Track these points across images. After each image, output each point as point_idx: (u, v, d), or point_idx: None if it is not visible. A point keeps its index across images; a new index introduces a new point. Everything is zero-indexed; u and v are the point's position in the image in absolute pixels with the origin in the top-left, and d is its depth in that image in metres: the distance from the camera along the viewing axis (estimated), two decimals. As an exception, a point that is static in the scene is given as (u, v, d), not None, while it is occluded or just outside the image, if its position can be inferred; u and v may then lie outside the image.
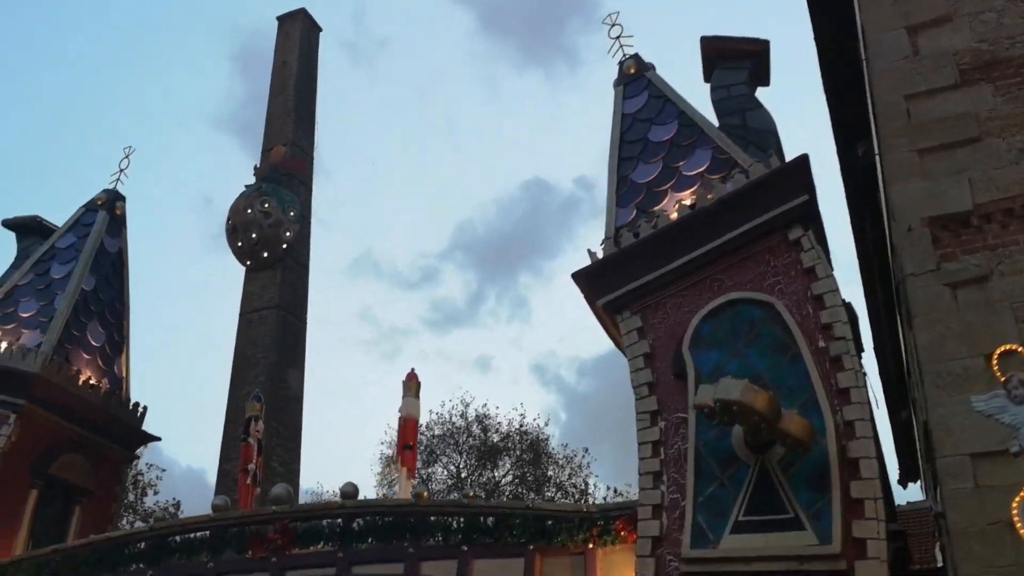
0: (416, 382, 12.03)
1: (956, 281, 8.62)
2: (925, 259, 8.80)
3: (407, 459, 11.71)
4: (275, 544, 11.02)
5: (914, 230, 8.95)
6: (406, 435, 11.90)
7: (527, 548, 10.15)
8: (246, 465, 12.53)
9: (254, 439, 12.68)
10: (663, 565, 9.23)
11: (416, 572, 10.49)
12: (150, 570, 11.47)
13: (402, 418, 11.96)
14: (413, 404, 11.93)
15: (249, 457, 12.58)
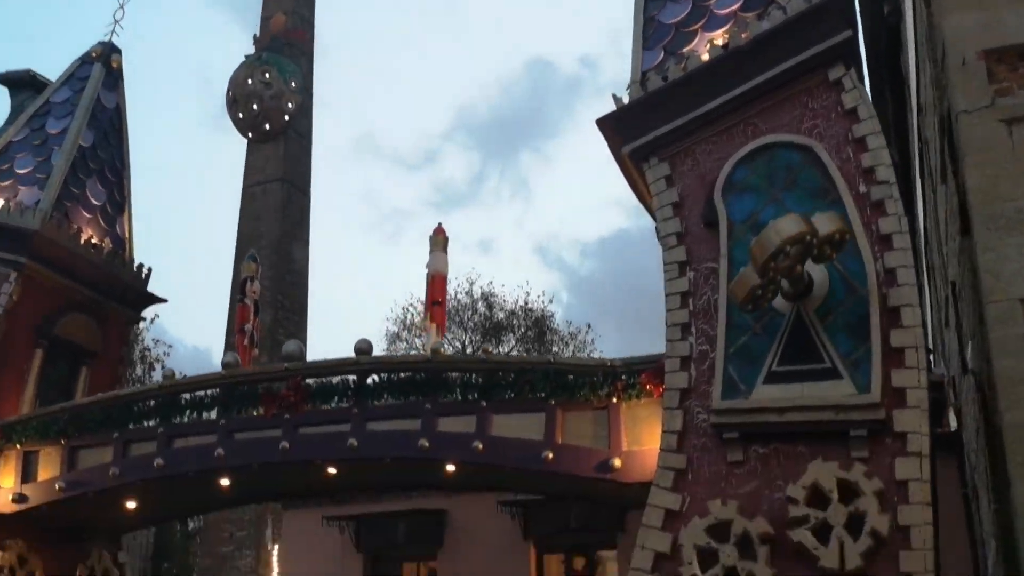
0: (443, 236, 11.48)
1: (1012, 117, 7.96)
2: (979, 94, 8.12)
3: (436, 315, 11.23)
4: (287, 401, 10.69)
5: (968, 64, 8.25)
6: (434, 291, 11.40)
7: (548, 403, 9.80)
8: (243, 326, 12.14)
9: (250, 300, 12.27)
10: (691, 418, 8.87)
11: (433, 428, 10.18)
12: (159, 428, 11.20)
13: (430, 274, 11.45)
14: (441, 259, 11.41)
15: (245, 318, 12.19)
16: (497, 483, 11.35)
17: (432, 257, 11.46)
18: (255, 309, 12.28)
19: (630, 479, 9.33)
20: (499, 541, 18.80)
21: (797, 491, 8.09)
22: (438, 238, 11.52)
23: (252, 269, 12.54)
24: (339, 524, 19.81)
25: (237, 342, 12.20)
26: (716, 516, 8.29)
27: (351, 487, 12.46)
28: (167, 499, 12.08)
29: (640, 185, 10.46)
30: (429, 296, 11.43)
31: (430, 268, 11.47)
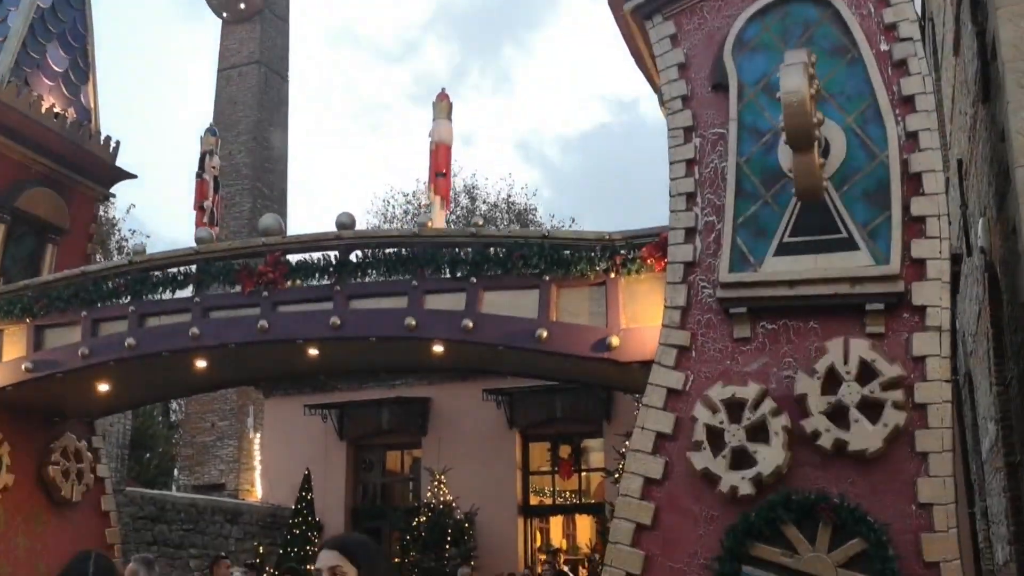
0: (447, 103, 10.65)
1: (1054, -34, 7.26)
2: (1018, -59, 7.40)
3: (441, 187, 10.49)
4: (266, 278, 10.06)
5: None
6: (438, 162, 10.64)
7: (542, 279, 9.22)
8: (201, 203, 11.41)
9: (210, 175, 11.52)
10: (695, 292, 8.32)
11: (420, 306, 9.60)
12: (130, 307, 10.56)
13: (433, 143, 10.69)
14: (445, 127, 10.62)
15: (204, 194, 11.45)
16: (488, 365, 10.86)
17: (435, 125, 10.67)
18: (215, 185, 11.54)
19: (629, 358, 8.82)
20: (484, 430, 18.53)
21: (808, 370, 7.61)
22: (442, 104, 10.70)
23: (211, 143, 11.74)
24: (322, 412, 19.47)
25: (196, 220, 11.48)
26: (721, 395, 7.82)
27: (335, 371, 11.95)
28: (141, 381, 11.54)
29: (643, 48, 9.69)
30: (433, 167, 10.66)
31: (433, 137, 10.70)
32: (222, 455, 26.00)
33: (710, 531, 7.72)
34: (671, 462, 8.00)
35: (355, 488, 19.81)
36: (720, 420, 7.77)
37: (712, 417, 7.79)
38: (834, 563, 7.23)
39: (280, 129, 27.98)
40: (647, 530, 7.90)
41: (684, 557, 7.74)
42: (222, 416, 26.23)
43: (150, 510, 16.33)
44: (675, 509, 7.88)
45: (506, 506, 18.14)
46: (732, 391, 7.81)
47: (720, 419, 7.77)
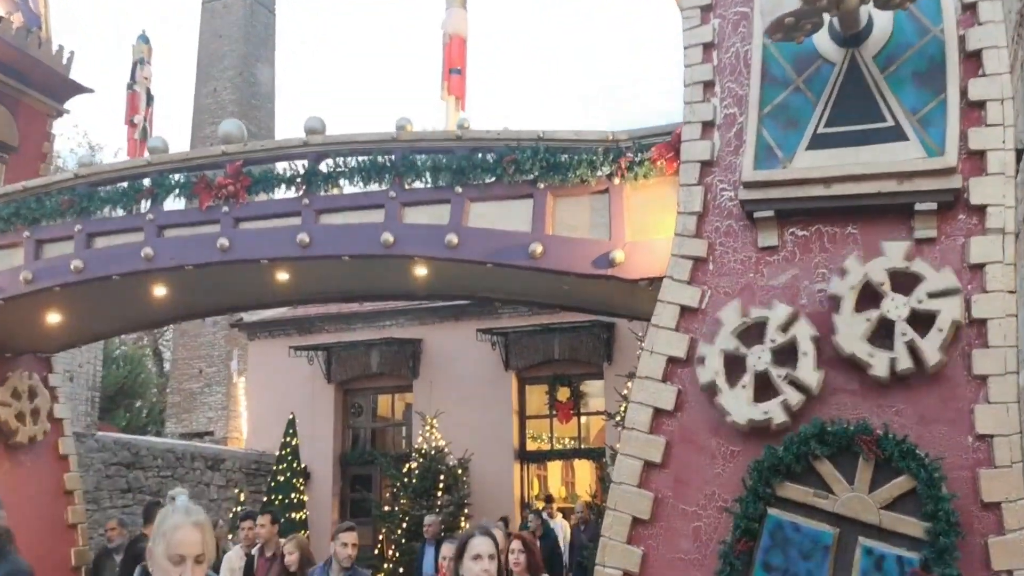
0: None
1: None
2: None
3: (454, 85, 9.13)
4: (226, 191, 8.85)
5: None
6: (452, 56, 9.30)
7: (536, 187, 8.02)
8: (132, 117, 10.16)
9: (142, 87, 10.26)
10: (713, 196, 7.12)
11: (398, 220, 8.41)
12: (77, 225, 9.37)
13: (446, 35, 9.36)
14: (459, 17, 9.28)
15: (136, 107, 10.19)
16: (477, 292, 9.68)
17: (448, 15, 9.33)
18: (148, 98, 10.28)
19: (635, 275, 7.65)
20: (479, 372, 17.43)
21: (845, 282, 6.44)
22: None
23: (144, 51, 10.46)
24: (308, 354, 18.34)
25: (127, 135, 10.23)
26: (744, 313, 6.65)
27: (309, 299, 10.78)
28: (94, 311, 10.37)
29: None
30: (446, 62, 9.33)
31: (446, 28, 9.36)
32: (210, 402, 24.95)
33: (730, 469, 6.59)
34: (684, 390, 6.85)
35: (344, 434, 18.76)
36: (742, 341, 6.61)
37: (732, 338, 6.62)
38: (877, 504, 6.10)
39: (267, 64, 26.55)
40: (656, 468, 6.77)
41: (699, 498, 6.63)
42: (210, 362, 25.14)
43: (124, 456, 15.27)
44: (689, 444, 6.75)
45: (502, 452, 17.08)
46: (755, 307, 6.64)
47: (741, 340, 6.61)
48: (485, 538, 3.95)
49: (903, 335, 6.13)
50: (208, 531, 3.00)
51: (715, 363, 6.57)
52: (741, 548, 6.29)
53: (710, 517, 6.56)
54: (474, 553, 3.92)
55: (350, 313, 18.69)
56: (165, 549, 2.88)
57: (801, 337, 6.42)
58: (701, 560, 6.52)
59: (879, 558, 6.03)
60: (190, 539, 2.89)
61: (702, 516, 6.60)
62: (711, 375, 6.58)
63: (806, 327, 6.45)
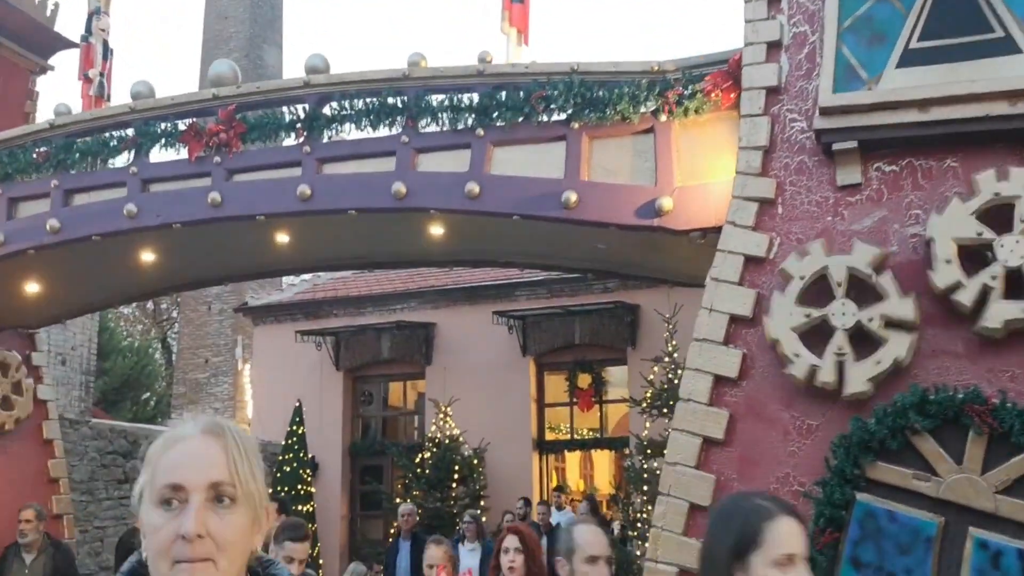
0: None
1: None
2: None
3: (516, 16, 7.87)
4: (218, 139, 7.75)
5: None
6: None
7: (570, 127, 6.89)
8: (87, 71, 9.07)
9: (98, 39, 9.15)
10: (782, 128, 5.99)
11: (411, 168, 7.30)
12: (53, 180, 8.28)
13: None
14: None
15: (91, 61, 9.10)
16: (498, 253, 8.53)
17: None
18: (104, 51, 9.18)
19: (685, 225, 6.51)
20: (495, 358, 16.28)
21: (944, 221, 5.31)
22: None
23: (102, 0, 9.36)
24: (315, 340, 17.22)
25: (81, 93, 9.14)
26: (821, 262, 5.52)
27: (312, 265, 9.67)
28: (78, 280, 9.28)
29: None
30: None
31: None
32: (217, 393, 23.86)
33: (807, 446, 5.47)
34: (750, 354, 5.72)
35: (353, 422, 17.62)
36: (820, 295, 5.48)
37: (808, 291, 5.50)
38: (991, 487, 4.98)
39: (274, 47, 25.47)
40: (718, 446, 5.66)
41: (770, 481, 5.50)
42: (216, 352, 24.05)
43: (120, 444, 14.18)
44: (757, 417, 5.63)
45: (519, 441, 15.92)
46: (835, 256, 5.51)
47: (820, 293, 5.49)
48: None
49: None
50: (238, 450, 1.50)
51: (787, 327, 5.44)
52: (825, 540, 5.17)
53: (783, 504, 5.42)
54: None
55: (359, 297, 17.58)
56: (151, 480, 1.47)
57: (892, 291, 5.29)
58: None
59: (996, 553, 4.91)
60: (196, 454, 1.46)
61: (773, 503, 5.45)
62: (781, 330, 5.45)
63: (899, 280, 5.33)
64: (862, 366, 5.22)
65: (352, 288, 18.20)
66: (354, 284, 18.59)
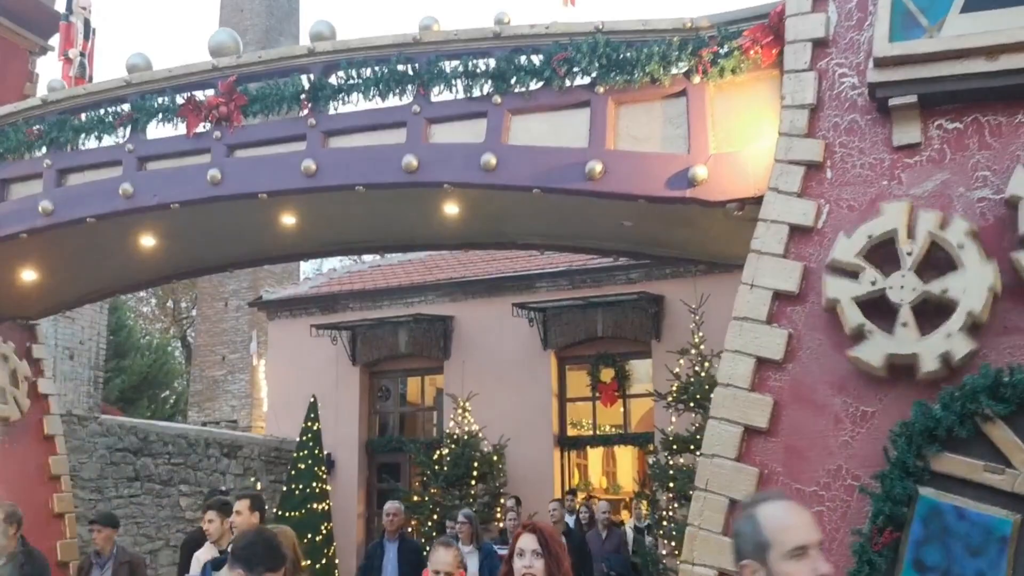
0: None
1: None
2: None
3: None
4: (218, 112, 7.22)
5: None
6: None
7: (594, 91, 6.31)
8: (66, 51, 8.57)
9: (79, 18, 8.65)
10: (830, 83, 5.39)
11: (423, 139, 6.74)
12: (46, 159, 7.79)
13: None
14: None
15: (71, 40, 8.59)
16: (516, 233, 7.94)
17: None
18: (86, 30, 8.67)
19: (721, 196, 5.91)
20: (515, 351, 15.70)
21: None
22: None
23: None
24: (331, 334, 16.71)
25: (62, 74, 8.63)
26: (876, 229, 4.92)
27: (320, 250, 9.12)
28: (75, 267, 8.79)
29: None
30: None
31: None
32: (233, 390, 23.43)
33: (862, 436, 4.87)
34: (797, 334, 5.13)
35: (370, 419, 17.10)
36: (876, 268, 4.88)
37: (862, 263, 4.90)
38: (1076, 481, 4.36)
39: (291, 39, 24.99)
40: (761, 436, 5.07)
41: (820, 475, 4.91)
42: (232, 348, 23.61)
43: (131, 441, 13.71)
44: (804, 403, 5.04)
45: (540, 437, 15.33)
46: (893, 220, 4.91)
47: (875, 266, 4.88)
48: None
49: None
50: None
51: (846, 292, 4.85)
52: (884, 541, 4.57)
53: (836, 500, 4.84)
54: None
55: (375, 290, 17.05)
56: None
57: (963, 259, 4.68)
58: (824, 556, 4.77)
59: (1082, 554, 4.29)
60: None
61: (824, 498, 4.88)
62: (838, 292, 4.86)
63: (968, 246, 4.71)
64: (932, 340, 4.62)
65: (368, 281, 17.70)
66: (370, 277, 18.09)
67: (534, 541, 3.50)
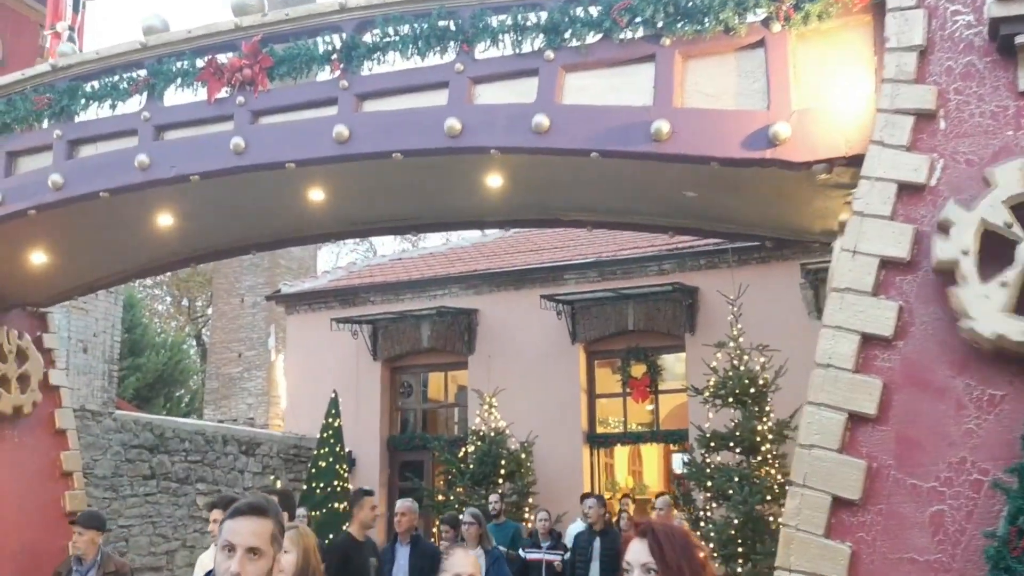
0: None
1: None
2: None
3: None
4: (241, 75, 6.56)
5: None
6: None
7: (659, 44, 5.62)
8: (54, 24, 7.94)
9: None
10: (941, 22, 4.69)
11: (467, 100, 6.06)
12: (56, 130, 7.14)
13: None
14: None
15: (59, 13, 7.97)
16: (564, 207, 7.23)
17: None
18: (76, 2, 8.06)
19: (807, 156, 5.20)
20: (542, 345, 15.01)
21: None
22: None
23: None
24: (351, 328, 16.05)
25: (49, 47, 7.99)
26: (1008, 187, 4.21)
27: (350, 230, 8.40)
28: (87, 248, 8.13)
29: None
30: None
31: None
32: (250, 388, 22.71)
33: (990, 423, 4.17)
34: (908, 307, 4.42)
35: (391, 416, 16.43)
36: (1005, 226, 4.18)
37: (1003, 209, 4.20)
38: None
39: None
40: (868, 424, 4.36)
41: (940, 469, 4.20)
42: (249, 345, 22.91)
43: (147, 438, 13.08)
44: (919, 387, 4.33)
45: (569, 434, 14.64)
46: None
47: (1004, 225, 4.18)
48: None
49: None
50: None
51: (966, 237, 4.14)
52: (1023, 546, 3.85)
53: (960, 497, 4.14)
54: None
55: (397, 282, 16.38)
56: None
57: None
58: (947, 563, 4.09)
59: None
60: None
61: (945, 496, 4.17)
62: (955, 252, 4.15)
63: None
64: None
65: (389, 273, 17.04)
66: (391, 269, 17.44)
67: (645, 551, 2.43)
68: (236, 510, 2.65)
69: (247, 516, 2.59)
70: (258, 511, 2.61)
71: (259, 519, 2.60)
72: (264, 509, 2.64)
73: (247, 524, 2.57)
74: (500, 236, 18.10)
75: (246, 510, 2.61)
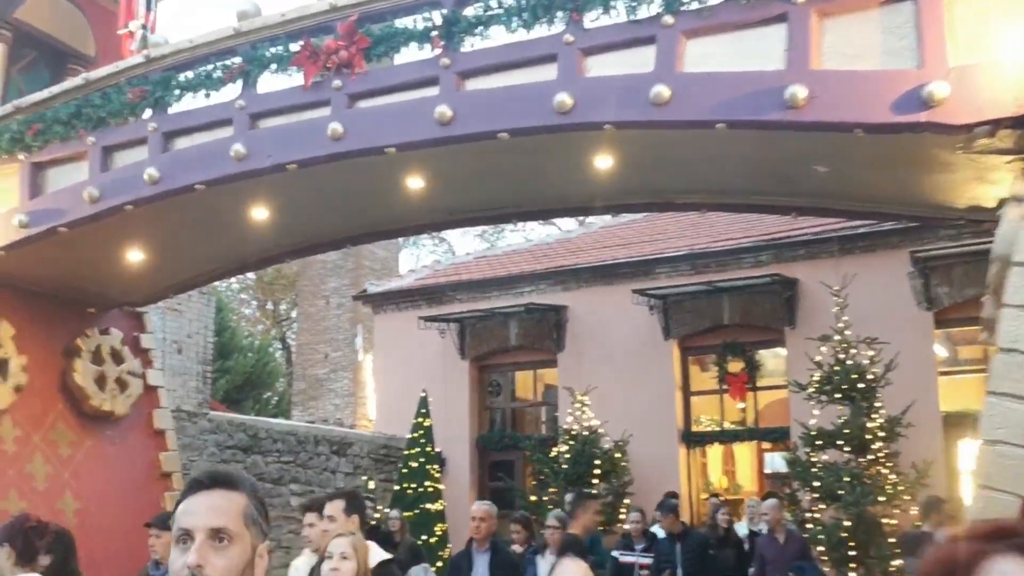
0: None
1: None
2: None
3: None
4: (337, 58, 6.20)
5: None
6: None
7: (790, 2, 5.07)
8: (127, 23, 7.67)
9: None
10: None
11: (578, 73, 5.59)
12: (151, 122, 6.88)
13: None
14: None
15: (132, 12, 7.70)
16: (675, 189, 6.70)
17: None
18: (148, 1, 7.79)
19: (967, 118, 4.60)
20: (634, 342, 14.43)
21: None
22: None
23: None
24: (439, 327, 15.71)
25: (122, 47, 7.73)
26: None
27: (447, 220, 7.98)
28: (183, 244, 7.91)
29: None
30: None
31: None
32: (336, 389, 22.69)
33: None
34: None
35: (481, 415, 16.04)
36: None
37: None
38: None
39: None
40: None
41: None
42: (335, 347, 22.88)
43: (240, 439, 12.93)
44: None
45: (664, 433, 14.03)
46: None
47: None
48: None
49: None
50: None
51: None
52: None
53: None
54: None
55: (484, 279, 15.99)
56: None
57: None
58: None
59: None
60: None
61: None
62: None
63: None
64: None
65: (475, 271, 16.66)
66: (477, 267, 17.06)
67: None
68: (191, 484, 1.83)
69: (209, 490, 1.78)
70: (224, 482, 1.80)
71: (225, 492, 1.78)
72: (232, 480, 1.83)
73: (207, 500, 1.76)
74: (585, 231, 17.61)
75: (207, 482, 1.79)
